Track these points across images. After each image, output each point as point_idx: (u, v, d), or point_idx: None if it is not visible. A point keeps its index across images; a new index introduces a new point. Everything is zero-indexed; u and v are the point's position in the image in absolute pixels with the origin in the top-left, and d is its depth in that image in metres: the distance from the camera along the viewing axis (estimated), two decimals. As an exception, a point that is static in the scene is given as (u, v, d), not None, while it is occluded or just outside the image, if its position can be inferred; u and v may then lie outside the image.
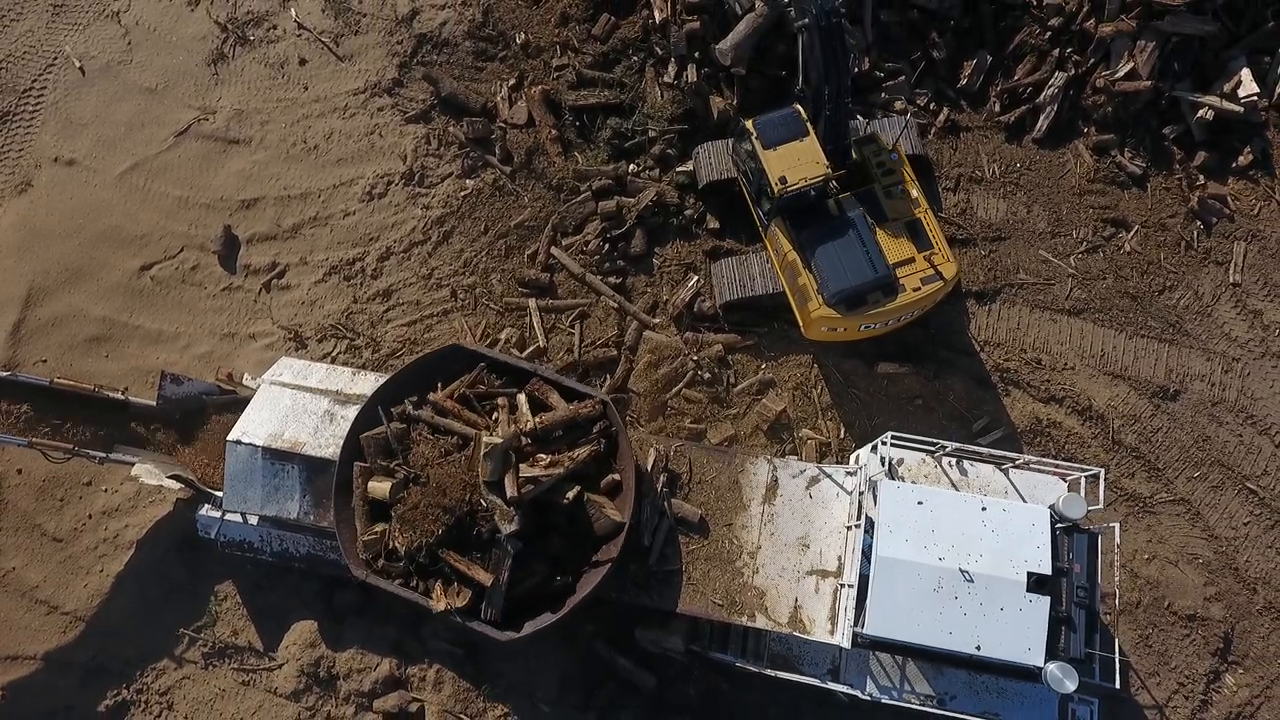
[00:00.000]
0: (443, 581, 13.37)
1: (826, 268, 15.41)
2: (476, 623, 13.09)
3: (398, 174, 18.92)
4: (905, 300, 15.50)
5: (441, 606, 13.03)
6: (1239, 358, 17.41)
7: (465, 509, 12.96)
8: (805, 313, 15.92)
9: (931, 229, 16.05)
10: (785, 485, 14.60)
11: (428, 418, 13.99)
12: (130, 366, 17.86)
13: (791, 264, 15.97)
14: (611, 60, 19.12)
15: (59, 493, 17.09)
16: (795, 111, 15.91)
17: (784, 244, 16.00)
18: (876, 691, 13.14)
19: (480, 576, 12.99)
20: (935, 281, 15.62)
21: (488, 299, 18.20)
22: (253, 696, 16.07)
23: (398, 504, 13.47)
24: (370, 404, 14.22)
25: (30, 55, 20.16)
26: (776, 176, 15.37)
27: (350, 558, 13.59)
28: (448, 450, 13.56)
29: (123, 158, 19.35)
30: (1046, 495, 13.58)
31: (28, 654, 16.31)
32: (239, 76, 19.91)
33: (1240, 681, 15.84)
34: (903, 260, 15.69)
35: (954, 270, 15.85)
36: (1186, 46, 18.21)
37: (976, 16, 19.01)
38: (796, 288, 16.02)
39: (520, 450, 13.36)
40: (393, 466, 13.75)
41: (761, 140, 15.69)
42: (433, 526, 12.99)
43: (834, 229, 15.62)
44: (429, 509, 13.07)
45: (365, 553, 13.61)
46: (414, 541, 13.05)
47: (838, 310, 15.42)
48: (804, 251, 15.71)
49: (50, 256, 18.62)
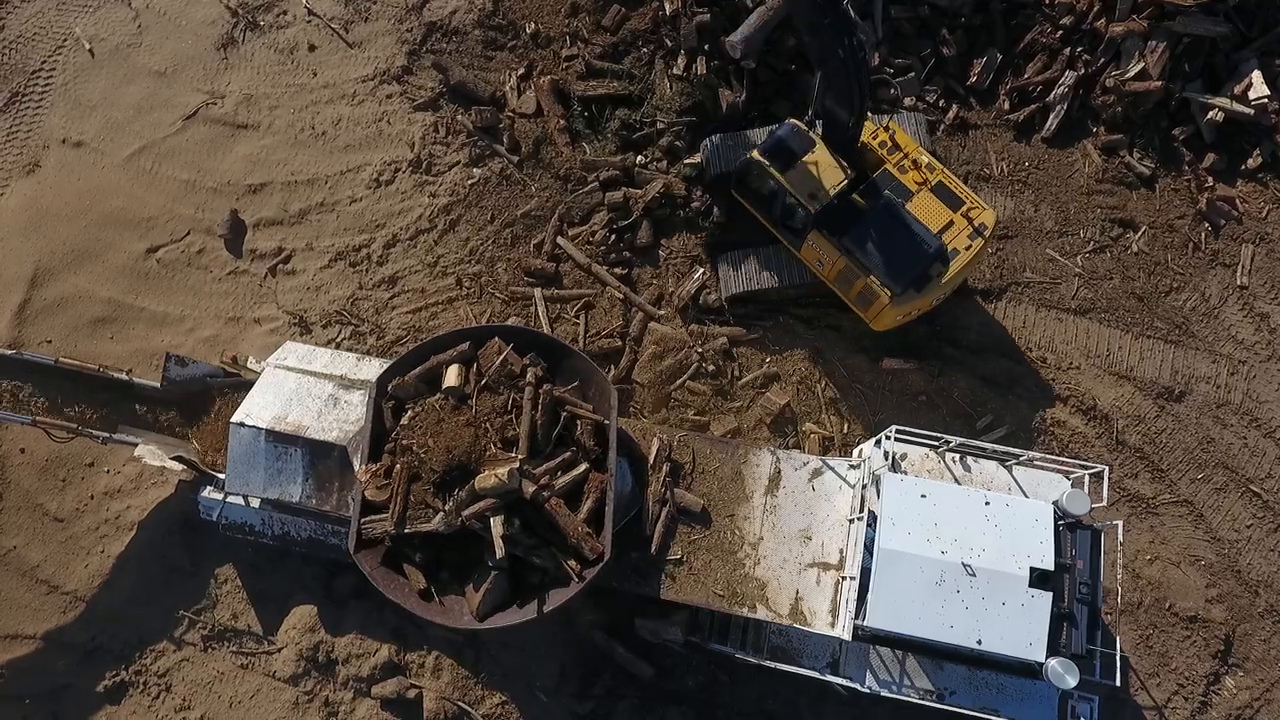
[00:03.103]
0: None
1: (882, 261, 15.18)
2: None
3: (405, 161, 18.91)
4: (962, 260, 15.47)
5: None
6: (1245, 360, 17.38)
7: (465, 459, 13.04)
8: (874, 311, 15.78)
9: (956, 186, 15.95)
10: (788, 477, 14.59)
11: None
12: (135, 348, 17.85)
13: (843, 271, 15.73)
14: (621, 51, 19.09)
15: (61, 473, 17.09)
16: (794, 127, 15.71)
17: (829, 253, 15.76)
18: (876, 685, 13.10)
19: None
20: (979, 236, 15.64)
21: (493, 288, 18.19)
22: (251, 680, 16.07)
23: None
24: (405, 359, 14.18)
25: (40, 36, 20.15)
26: (807, 195, 15.18)
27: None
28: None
29: (131, 140, 19.35)
30: (1050, 492, 13.55)
31: (27, 633, 16.31)
32: (248, 61, 19.90)
33: (1240, 684, 15.81)
34: (944, 226, 15.56)
35: (993, 216, 15.81)
36: (1198, 48, 18.17)
37: (987, 14, 18.97)
38: (855, 292, 15.86)
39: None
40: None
41: (776, 165, 15.48)
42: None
43: (872, 222, 15.35)
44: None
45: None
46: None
47: (907, 298, 15.34)
48: (852, 254, 15.41)
49: (57, 237, 18.63)
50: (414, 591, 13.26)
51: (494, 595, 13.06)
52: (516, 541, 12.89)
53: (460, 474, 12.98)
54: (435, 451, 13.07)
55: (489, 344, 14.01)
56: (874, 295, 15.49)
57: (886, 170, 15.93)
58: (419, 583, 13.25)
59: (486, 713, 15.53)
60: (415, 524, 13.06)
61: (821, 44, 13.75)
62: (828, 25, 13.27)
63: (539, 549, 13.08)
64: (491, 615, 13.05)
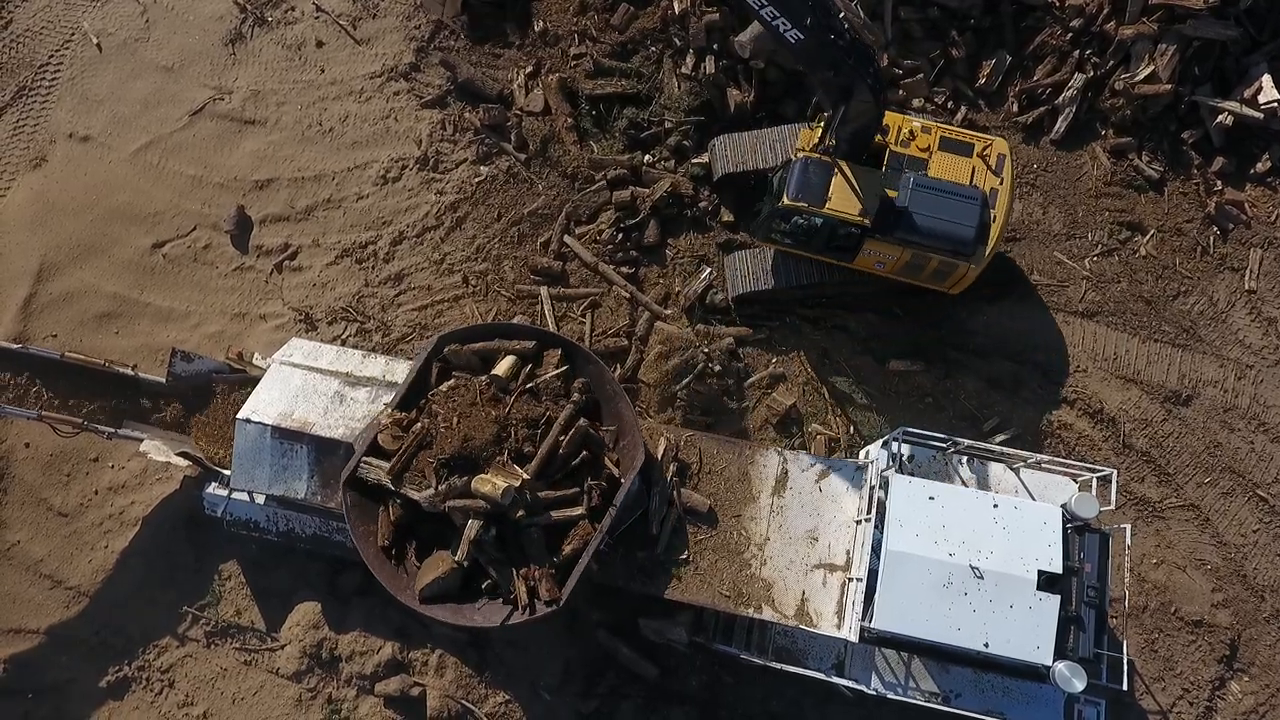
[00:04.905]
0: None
1: (943, 235, 15.19)
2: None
3: (412, 159, 18.87)
4: (1004, 195, 15.72)
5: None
6: (1252, 364, 17.33)
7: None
8: (953, 281, 16.04)
9: (957, 133, 16.12)
10: (795, 478, 14.55)
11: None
12: (140, 344, 17.82)
13: (909, 260, 15.74)
14: (629, 50, 19.06)
15: (66, 468, 17.06)
16: (805, 161, 15.50)
17: (888, 252, 15.71)
18: (881, 687, 13.06)
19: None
20: (1002, 168, 15.85)
21: (499, 286, 18.16)
22: (254, 676, 16.05)
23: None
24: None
25: (48, 30, 20.12)
26: (857, 215, 15.17)
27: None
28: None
29: (138, 135, 19.32)
30: (1057, 496, 13.52)
31: (30, 628, 16.29)
32: (256, 57, 19.87)
33: (1246, 689, 15.76)
34: (970, 174, 15.72)
35: (1004, 143, 16.06)
36: (1207, 51, 18.12)
37: (997, 16, 18.92)
38: (928, 274, 15.99)
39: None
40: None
41: (813, 202, 15.28)
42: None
43: (913, 206, 15.28)
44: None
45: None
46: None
47: (981, 255, 15.44)
48: (912, 243, 15.39)
49: (63, 232, 18.59)
50: (376, 543, 13.53)
51: (443, 583, 13.22)
52: (484, 550, 13.00)
53: (465, 465, 13.02)
54: (454, 433, 13.12)
55: (550, 353, 14.13)
56: (952, 267, 15.59)
57: (891, 151, 15.82)
58: (384, 538, 13.50)
59: (490, 711, 15.50)
60: (406, 486, 13.20)
61: (847, 78, 13.64)
62: (851, 64, 13.25)
63: (502, 566, 13.16)
64: (431, 601, 13.25)
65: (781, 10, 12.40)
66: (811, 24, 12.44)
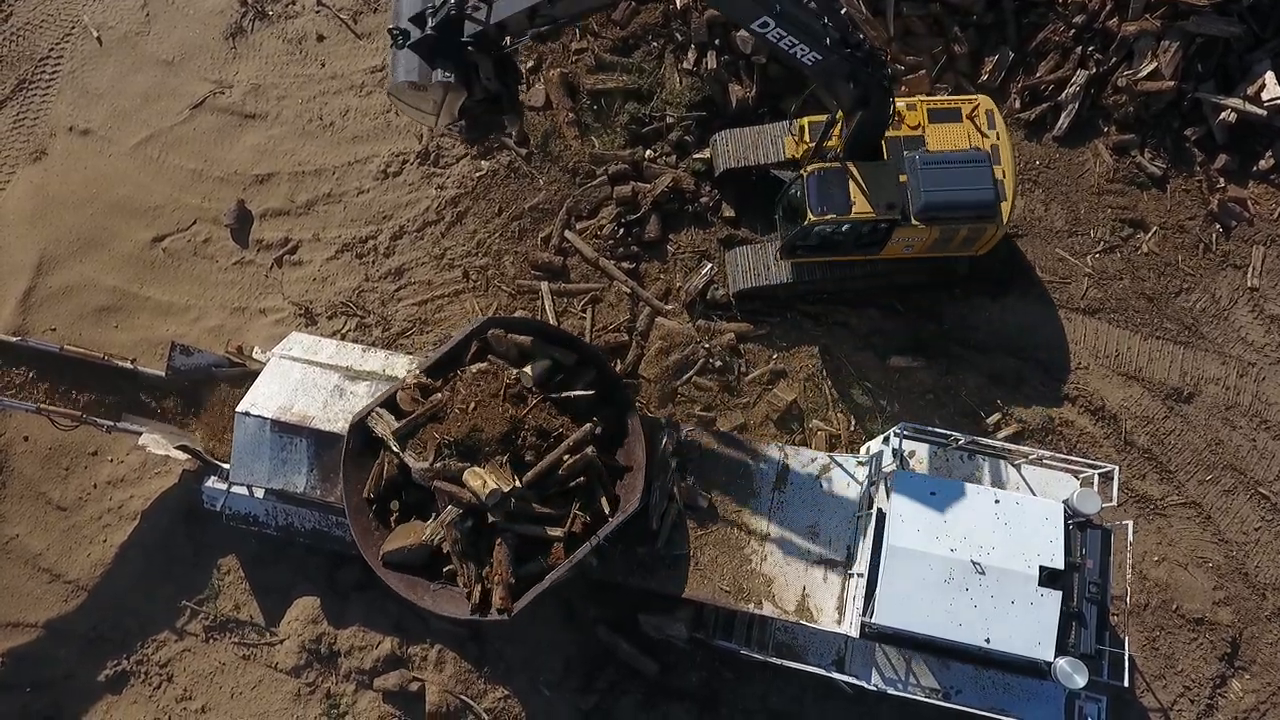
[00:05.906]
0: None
1: (962, 198, 15.22)
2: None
3: (413, 153, 18.84)
4: (1005, 149, 15.86)
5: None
6: (1255, 362, 17.29)
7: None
8: (983, 242, 16.16)
9: (941, 101, 16.20)
10: (796, 473, 14.52)
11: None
12: (140, 337, 17.79)
13: (938, 236, 15.80)
14: (631, 45, 19.00)
15: (65, 461, 17.03)
16: (821, 174, 15.44)
17: (915, 235, 15.73)
18: (882, 683, 13.03)
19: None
20: (994, 122, 16.01)
21: (500, 281, 18.12)
22: (253, 671, 16.02)
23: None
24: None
25: (48, 23, 20.08)
26: (884, 209, 15.20)
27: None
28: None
29: (138, 129, 19.28)
30: (1058, 492, 13.47)
31: (29, 622, 16.27)
32: (256, 51, 19.82)
33: (1247, 687, 15.73)
34: (966, 137, 15.80)
35: (988, 99, 16.26)
36: (1210, 48, 18.05)
37: (999, 12, 18.84)
38: (960, 241, 16.06)
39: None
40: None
41: (838, 210, 15.29)
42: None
43: (924, 180, 15.26)
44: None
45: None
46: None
47: (1003, 210, 15.54)
48: (939, 219, 15.42)
49: (63, 225, 18.56)
50: (361, 493, 13.71)
51: (408, 554, 13.37)
52: (453, 539, 13.04)
53: (466, 452, 13.04)
54: (465, 418, 13.15)
55: (586, 370, 14.19)
56: (980, 231, 15.71)
57: (887, 138, 15.73)
58: (370, 490, 13.71)
59: (489, 706, 15.47)
60: (407, 450, 13.30)
61: (864, 88, 13.63)
62: (869, 73, 13.21)
63: (466, 558, 13.17)
64: (392, 568, 13.42)
65: (801, 38, 12.23)
66: (830, 43, 12.34)
